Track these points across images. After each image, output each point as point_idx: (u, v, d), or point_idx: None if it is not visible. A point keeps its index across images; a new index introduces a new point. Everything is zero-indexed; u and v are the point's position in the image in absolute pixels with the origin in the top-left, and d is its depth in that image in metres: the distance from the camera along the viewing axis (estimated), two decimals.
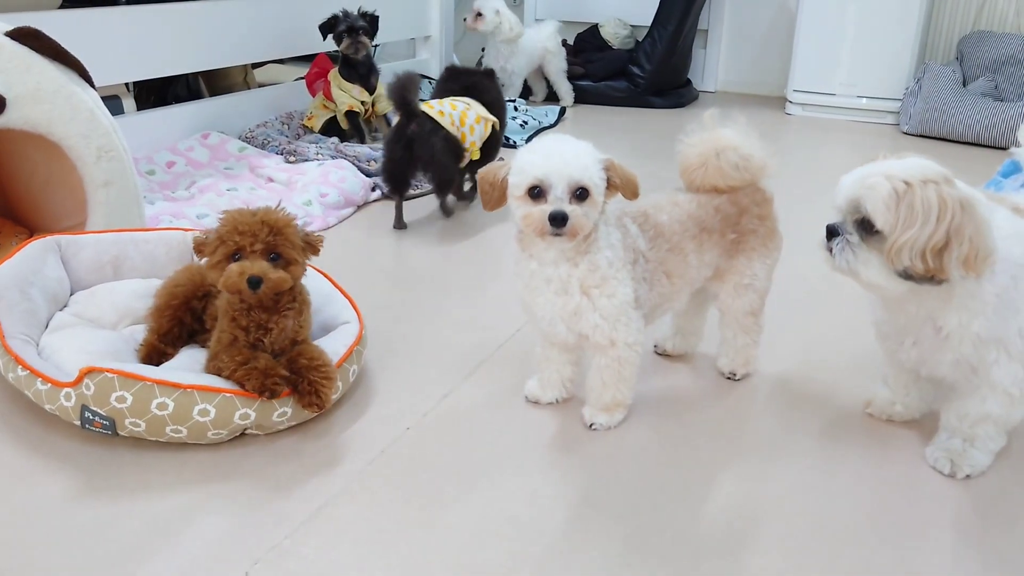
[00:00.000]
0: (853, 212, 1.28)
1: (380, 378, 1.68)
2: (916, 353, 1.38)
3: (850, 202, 1.28)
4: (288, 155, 2.96)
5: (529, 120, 3.89)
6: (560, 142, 1.38)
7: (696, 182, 1.58)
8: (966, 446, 1.39)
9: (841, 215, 1.31)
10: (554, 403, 1.60)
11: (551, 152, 1.36)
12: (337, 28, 3.20)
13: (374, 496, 1.33)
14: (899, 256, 1.22)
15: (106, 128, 1.94)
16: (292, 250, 1.45)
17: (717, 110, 1.56)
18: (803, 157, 3.65)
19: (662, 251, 1.49)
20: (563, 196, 1.34)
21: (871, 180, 1.25)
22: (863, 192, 1.26)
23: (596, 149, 1.39)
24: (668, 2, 4.35)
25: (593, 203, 1.36)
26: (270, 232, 1.42)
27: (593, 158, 1.37)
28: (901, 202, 1.22)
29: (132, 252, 1.84)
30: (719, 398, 1.65)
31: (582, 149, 1.37)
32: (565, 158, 1.35)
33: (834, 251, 1.31)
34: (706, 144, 1.55)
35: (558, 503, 1.32)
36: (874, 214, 1.24)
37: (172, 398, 1.36)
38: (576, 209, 1.33)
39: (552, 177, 1.34)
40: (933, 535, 1.27)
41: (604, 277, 1.42)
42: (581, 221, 1.34)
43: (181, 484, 1.34)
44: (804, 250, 2.35)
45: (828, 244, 1.32)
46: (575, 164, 1.34)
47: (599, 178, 1.36)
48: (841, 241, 1.30)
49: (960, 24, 4.45)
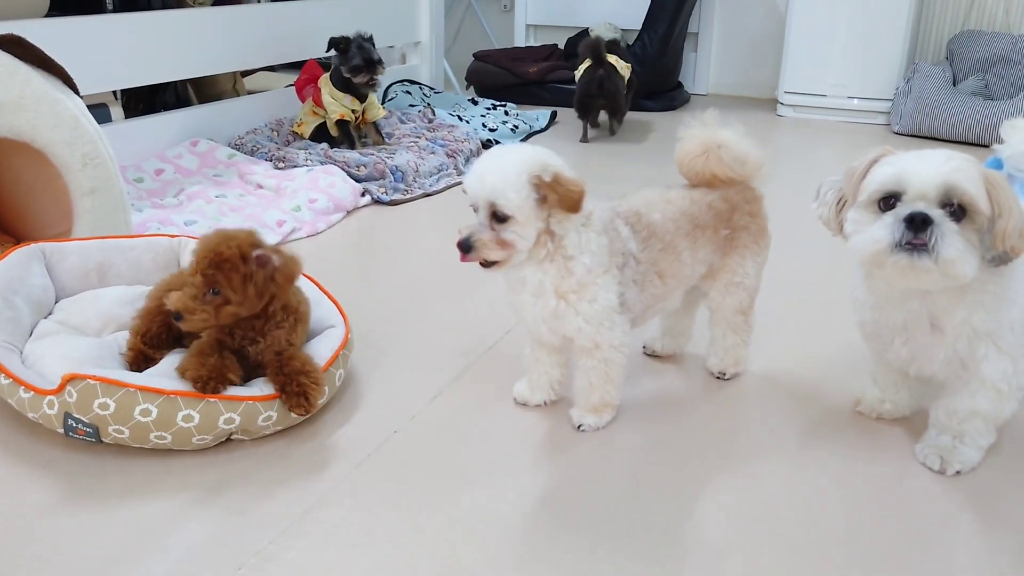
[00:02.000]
0: (944, 199, 1.19)
1: (368, 382, 1.67)
2: (907, 352, 1.37)
3: (944, 189, 1.18)
4: (277, 161, 2.96)
5: (520, 124, 3.89)
6: (489, 159, 1.34)
7: (696, 168, 1.56)
8: (956, 443, 1.39)
9: (926, 204, 1.19)
10: (543, 405, 1.59)
11: (476, 170, 1.33)
12: (351, 59, 3.09)
13: (361, 499, 1.32)
14: (1007, 239, 1.17)
15: (91, 135, 1.94)
16: (228, 288, 1.40)
17: (717, 111, 1.56)
18: (794, 158, 3.64)
19: (655, 251, 1.48)
20: (484, 220, 1.31)
21: (959, 166, 1.19)
22: (960, 178, 1.18)
23: (536, 160, 1.32)
24: (658, 5, 4.35)
25: (517, 224, 1.32)
26: (210, 264, 1.39)
27: (515, 176, 1.30)
28: (995, 185, 1.19)
29: (117, 259, 1.83)
30: (708, 398, 1.64)
31: (507, 166, 1.31)
32: (484, 178, 1.31)
33: (934, 243, 1.17)
34: (709, 137, 1.54)
35: (546, 504, 1.31)
36: (978, 199, 1.17)
37: (156, 404, 1.35)
38: (484, 236, 1.31)
39: (476, 199, 1.32)
40: (923, 532, 1.26)
41: (582, 283, 1.39)
42: (486, 251, 1.31)
43: (166, 490, 1.33)
44: (794, 249, 2.36)
45: (915, 238, 1.18)
46: (490, 185, 1.30)
47: (520, 197, 1.30)
48: (938, 231, 1.17)
49: (950, 24, 4.46)
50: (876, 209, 1.23)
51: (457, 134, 3.44)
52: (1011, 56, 4.04)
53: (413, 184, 2.96)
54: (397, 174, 2.93)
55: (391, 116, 3.62)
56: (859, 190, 1.25)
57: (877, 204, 1.23)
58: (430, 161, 3.11)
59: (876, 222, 1.22)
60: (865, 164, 1.27)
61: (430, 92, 4.24)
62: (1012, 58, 4.03)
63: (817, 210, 1.35)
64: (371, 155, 3.01)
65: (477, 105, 4.13)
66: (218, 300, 1.41)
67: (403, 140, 3.35)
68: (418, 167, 3.02)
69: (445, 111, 3.86)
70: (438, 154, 3.21)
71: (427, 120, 3.66)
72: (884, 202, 1.22)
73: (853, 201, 1.27)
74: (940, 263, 1.17)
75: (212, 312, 1.41)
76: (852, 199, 1.27)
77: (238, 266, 1.40)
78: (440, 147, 3.28)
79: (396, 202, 2.83)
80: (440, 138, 3.37)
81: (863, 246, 1.23)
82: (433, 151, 3.23)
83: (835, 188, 1.33)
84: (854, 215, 1.26)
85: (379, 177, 2.90)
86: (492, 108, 4.10)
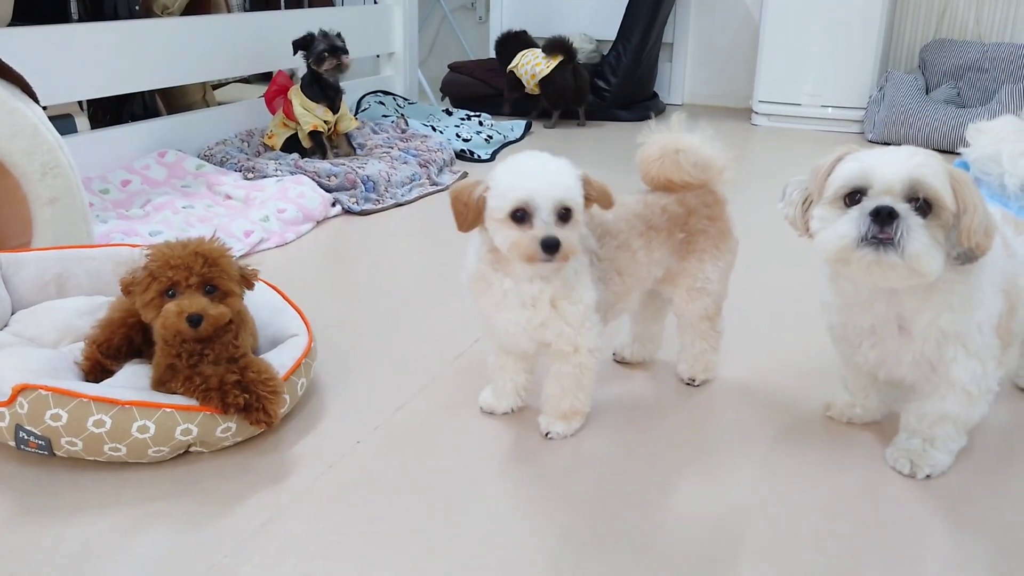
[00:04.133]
0: (909, 194, 1.18)
1: (332, 392, 1.63)
2: (875, 355, 1.35)
3: (909, 183, 1.17)
4: (246, 172, 2.92)
5: (494, 134, 3.87)
6: (540, 160, 1.34)
7: (652, 173, 1.55)
8: (926, 446, 1.37)
9: (892, 198, 1.17)
10: (510, 412, 1.56)
11: (533, 172, 1.31)
12: (316, 48, 3.12)
13: (321, 511, 1.28)
14: (972, 236, 1.17)
15: (51, 144, 1.90)
16: (229, 281, 1.41)
17: (684, 114, 1.54)
18: (769, 166, 3.65)
19: (611, 249, 1.46)
20: (549, 219, 1.29)
21: (924, 161, 1.18)
22: (924, 172, 1.17)
23: (572, 164, 1.35)
24: (631, 16, 4.36)
25: (576, 222, 1.33)
26: (205, 263, 1.39)
27: (574, 175, 1.33)
28: (960, 182, 1.18)
29: (76, 269, 1.79)
30: (679, 405, 1.62)
31: (563, 167, 1.34)
32: (549, 179, 1.30)
33: (900, 237, 1.15)
34: (668, 141, 1.53)
35: (512, 514, 1.28)
36: (943, 194, 1.17)
37: (109, 415, 1.31)
38: (563, 232, 1.30)
39: (537, 199, 1.29)
40: (893, 537, 1.24)
41: (571, 286, 1.39)
42: (572, 244, 1.31)
43: (120, 504, 1.29)
44: (767, 255, 2.35)
45: (881, 232, 1.16)
46: (560, 184, 1.30)
47: (580, 195, 1.33)
48: (903, 225, 1.16)
49: (922, 33, 4.49)
50: (842, 205, 1.22)
51: (430, 144, 3.42)
52: (982, 64, 4.06)
53: (385, 194, 2.93)
54: (368, 184, 2.91)
55: (364, 127, 3.59)
56: (825, 187, 1.24)
57: (843, 200, 1.22)
58: (402, 171, 3.08)
59: (842, 217, 1.20)
60: (830, 161, 1.25)
61: (404, 103, 4.21)
62: (983, 66, 4.06)
63: (783, 210, 1.34)
64: (342, 165, 2.98)
65: (451, 116, 4.11)
66: (217, 296, 1.41)
67: (375, 150, 3.32)
68: (390, 177, 2.99)
69: (419, 122, 3.83)
70: (411, 164, 3.18)
71: (400, 130, 3.64)
72: (850, 198, 1.21)
73: (819, 199, 1.26)
74: (906, 257, 1.16)
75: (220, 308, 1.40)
76: (818, 197, 1.26)
77: (231, 259, 1.43)
78: (413, 157, 3.26)
79: (367, 212, 2.80)
80: (413, 148, 3.35)
81: (829, 242, 1.21)
82: (406, 161, 3.20)
83: (800, 188, 1.31)
84: (820, 212, 1.24)
85: (350, 187, 2.87)
86: (466, 118, 4.08)
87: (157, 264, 1.39)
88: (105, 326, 1.56)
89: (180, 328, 1.37)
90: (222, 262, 1.42)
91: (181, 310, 1.37)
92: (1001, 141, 1.46)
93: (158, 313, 1.39)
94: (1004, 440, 1.50)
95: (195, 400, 1.38)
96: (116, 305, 1.59)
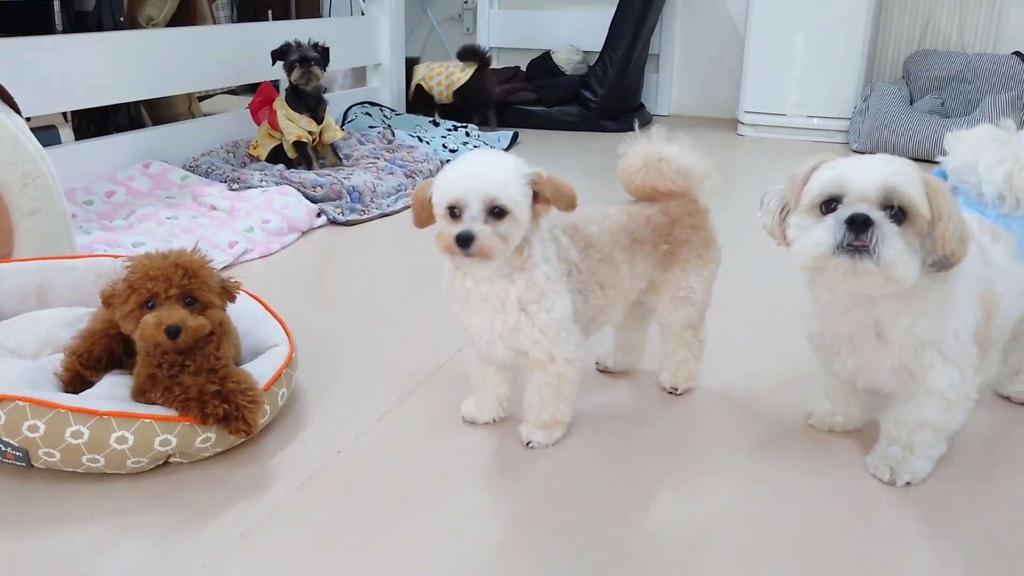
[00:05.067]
0: (884, 202, 1.18)
1: (314, 402, 1.63)
2: (853, 363, 1.36)
3: (884, 191, 1.17)
4: (232, 183, 2.92)
5: (481, 145, 3.88)
6: (479, 158, 1.34)
7: (636, 182, 1.56)
8: (905, 453, 1.37)
9: (867, 206, 1.18)
10: (491, 423, 1.56)
11: (469, 171, 1.32)
12: (289, 57, 3.15)
13: (300, 522, 1.28)
14: (947, 244, 1.17)
15: (32, 155, 1.89)
16: (209, 293, 1.41)
17: (664, 127, 1.55)
18: (754, 176, 3.67)
19: (594, 261, 1.46)
20: (477, 215, 1.29)
21: (899, 169, 1.19)
22: (899, 180, 1.17)
23: (523, 163, 1.35)
24: (617, 27, 4.38)
25: (514, 221, 1.32)
26: (185, 275, 1.38)
27: (514, 173, 1.32)
28: (935, 190, 1.19)
29: (58, 280, 1.78)
30: (661, 414, 1.62)
31: (502, 164, 1.33)
32: (481, 175, 1.30)
33: (875, 244, 1.16)
34: (650, 150, 1.54)
35: (493, 524, 1.28)
36: (918, 202, 1.17)
37: (87, 426, 1.30)
38: (486, 229, 1.29)
39: (467, 196, 1.30)
40: (873, 544, 1.24)
41: (542, 292, 1.38)
42: (490, 242, 1.29)
43: (97, 516, 1.28)
44: (750, 265, 2.35)
45: (856, 239, 1.17)
46: (490, 181, 1.30)
47: (521, 194, 1.31)
48: (878, 232, 1.16)
49: (906, 44, 4.52)
50: (818, 213, 1.22)
51: (416, 155, 3.42)
52: (965, 75, 4.09)
53: (371, 204, 2.93)
54: (354, 194, 2.91)
55: (350, 138, 3.59)
56: (801, 195, 1.25)
57: (819, 208, 1.22)
58: (388, 181, 3.08)
59: (818, 225, 1.21)
60: (806, 170, 1.26)
61: (391, 114, 4.22)
62: (966, 77, 4.09)
63: (761, 219, 1.35)
64: (328, 175, 2.98)
65: (438, 127, 4.12)
66: (197, 307, 1.40)
67: (361, 161, 3.33)
68: (376, 187, 2.99)
69: (406, 132, 3.84)
70: (396, 175, 3.19)
71: (387, 141, 3.64)
72: (825, 206, 1.21)
73: (795, 207, 1.26)
74: (881, 264, 1.16)
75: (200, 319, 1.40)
76: (794, 205, 1.27)
77: (211, 271, 1.43)
78: (399, 167, 3.26)
79: (352, 222, 2.80)
80: (399, 159, 3.35)
81: (805, 250, 1.22)
82: (392, 171, 3.21)
83: (778, 196, 1.32)
84: (796, 220, 1.25)
85: (335, 198, 2.87)
86: (453, 129, 4.09)
87: (137, 276, 1.39)
88: (86, 337, 1.56)
89: (159, 340, 1.37)
90: (202, 274, 1.41)
91: (160, 322, 1.36)
92: (979, 150, 1.47)
93: (137, 325, 1.38)
94: (985, 447, 1.51)
95: (174, 410, 1.37)
96: (97, 316, 1.59)
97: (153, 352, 1.42)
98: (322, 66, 3.18)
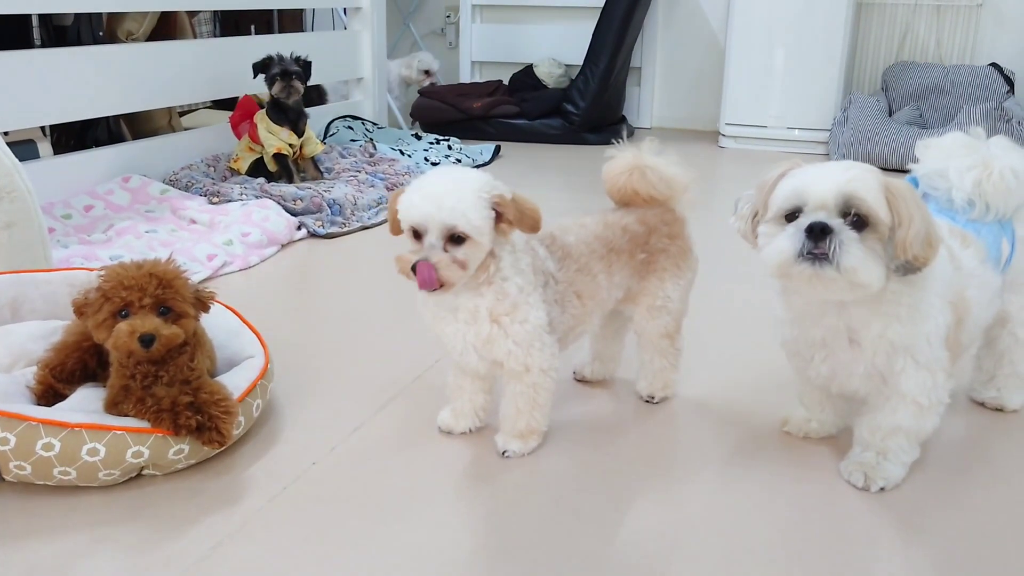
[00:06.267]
0: (843, 210, 1.20)
1: (289, 413, 1.62)
2: (827, 368, 1.36)
3: (842, 199, 1.19)
4: (211, 196, 2.91)
5: (463, 158, 3.89)
6: (442, 179, 1.32)
7: (619, 185, 1.57)
8: (879, 459, 1.38)
9: (827, 214, 1.20)
10: (467, 433, 1.56)
11: (429, 195, 1.29)
12: (270, 71, 3.16)
13: (273, 533, 1.27)
14: (909, 248, 1.18)
15: (7, 168, 1.88)
16: (183, 303, 1.41)
17: (655, 139, 1.57)
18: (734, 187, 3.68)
19: (571, 272, 1.46)
20: (437, 243, 1.29)
21: (856, 176, 1.20)
22: (856, 187, 1.19)
23: (489, 183, 1.33)
24: (598, 40, 4.40)
25: (474, 245, 1.30)
26: (159, 285, 1.38)
27: (474, 198, 1.29)
28: (895, 195, 1.20)
29: (32, 293, 1.77)
30: (637, 422, 1.62)
31: (464, 187, 1.30)
32: (440, 201, 1.28)
33: (834, 251, 1.18)
34: (636, 157, 1.56)
35: (468, 534, 1.28)
36: (876, 208, 1.19)
37: (59, 438, 1.29)
38: (444, 259, 1.28)
39: (427, 223, 1.29)
40: (846, 550, 1.24)
41: (515, 304, 1.38)
42: (448, 272, 1.28)
43: (68, 529, 1.27)
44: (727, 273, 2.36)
45: (815, 247, 1.19)
46: (450, 210, 1.28)
47: (481, 218, 1.30)
48: (836, 240, 1.18)
49: (884, 56, 4.56)
50: (784, 222, 1.24)
51: (398, 168, 3.43)
52: (943, 86, 4.13)
53: (351, 217, 2.93)
54: (335, 207, 2.91)
55: (331, 151, 3.59)
56: (768, 204, 1.26)
57: (784, 217, 1.24)
58: (369, 194, 3.08)
59: (780, 233, 1.22)
60: (773, 178, 1.28)
61: (373, 128, 4.22)
62: (944, 88, 4.13)
63: (735, 224, 1.36)
64: (308, 188, 2.98)
65: (420, 140, 4.13)
66: (171, 317, 1.40)
67: (343, 174, 3.33)
68: (356, 200, 2.99)
69: (387, 146, 3.84)
70: (377, 187, 3.19)
71: (368, 154, 3.64)
72: (790, 215, 1.23)
73: (764, 214, 1.28)
74: (842, 271, 1.18)
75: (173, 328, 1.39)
76: (763, 212, 1.28)
77: (186, 281, 1.43)
78: (380, 180, 3.27)
79: (333, 235, 2.80)
80: (380, 172, 3.36)
81: (771, 257, 1.24)
82: (373, 184, 3.21)
83: (751, 202, 1.33)
84: (764, 228, 1.27)
85: (316, 211, 2.87)
86: (435, 143, 4.10)
87: (110, 284, 1.38)
88: (59, 350, 1.55)
89: (132, 348, 1.36)
90: (176, 283, 1.41)
91: (133, 330, 1.36)
92: (949, 157, 1.48)
93: (110, 333, 1.38)
94: (958, 453, 1.51)
95: (147, 422, 1.36)
96: (71, 329, 1.58)
97: (126, 362, 1.41)
98: (303, 80, 3.19)
